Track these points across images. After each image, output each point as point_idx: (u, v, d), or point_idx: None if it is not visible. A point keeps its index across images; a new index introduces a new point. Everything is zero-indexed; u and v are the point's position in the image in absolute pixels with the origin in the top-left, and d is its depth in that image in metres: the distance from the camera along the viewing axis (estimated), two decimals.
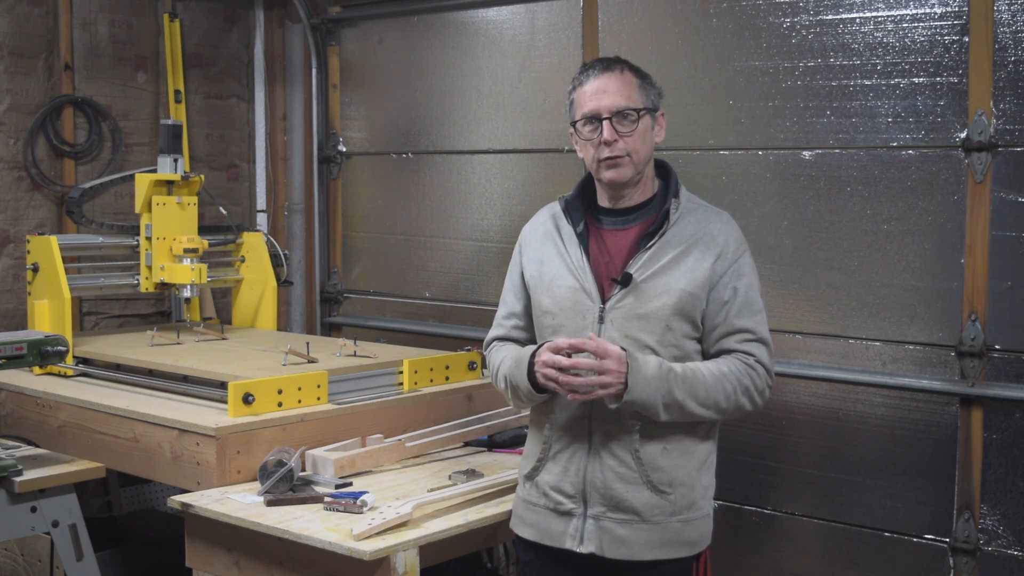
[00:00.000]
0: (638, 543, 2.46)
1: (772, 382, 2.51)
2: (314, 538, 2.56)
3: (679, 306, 2.44)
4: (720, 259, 2.47)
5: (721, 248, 2.49)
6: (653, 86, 2.57)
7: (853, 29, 3.32)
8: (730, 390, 2.42)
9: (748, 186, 3.55)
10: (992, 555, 3.17)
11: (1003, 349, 3.13)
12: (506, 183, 4.25)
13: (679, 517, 2.47)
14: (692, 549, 2.50)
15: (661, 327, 2.44)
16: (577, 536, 2.50)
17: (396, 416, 3.39)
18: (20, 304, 4.13)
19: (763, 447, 3.51)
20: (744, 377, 2.44)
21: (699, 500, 2.51)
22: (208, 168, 4.79)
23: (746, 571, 3.60)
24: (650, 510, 2.46)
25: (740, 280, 2.48)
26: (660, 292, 2.45)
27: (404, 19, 4.53)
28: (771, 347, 2.51)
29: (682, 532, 2.48)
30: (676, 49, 3.70)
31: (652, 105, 2.54)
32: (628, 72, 2.53)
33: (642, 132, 2.50)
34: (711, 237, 2.50)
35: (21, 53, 4.19)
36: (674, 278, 2.46)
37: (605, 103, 2.48)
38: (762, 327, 2.49)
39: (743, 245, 2.53)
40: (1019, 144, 3.07)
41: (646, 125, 2.52)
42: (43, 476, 3.06)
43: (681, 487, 2.47)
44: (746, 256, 2.52)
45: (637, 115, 2.49)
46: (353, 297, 4.82)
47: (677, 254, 2.47)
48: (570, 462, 2.52)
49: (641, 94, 2.52)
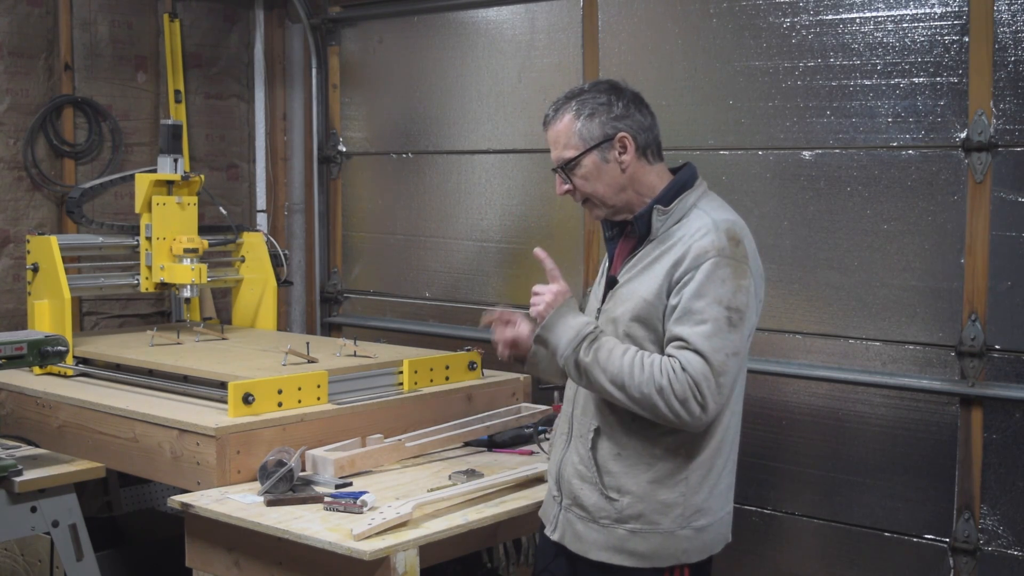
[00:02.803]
0: (589, 541, 2.49)
1: (704, 399, 2.29)
2: (314, 538, 2.56)
3: (636, 311, 2.42)
4: (677, 265, 2.37)
5: (682, 253, 2.38)
6: (604, 113, 2.45)
7: (853, 29, 3.32)
8: (640, 379, 2.30)
9: (748, 186, 3.55)
10: (992, 555, 3.17)
11: (1003, 349, 3.13)
12: (506, 183, 4.25)
13: (626, 526, 2.44)
14: (644, 562, 2.44)
15: (621, 331, 2.44)
16: (553, 523, 2.59)
17: (396, 416, 3.39)
18: (20, 304, 4.13)
19: (763, 447, 3.51)
20: (660, 375, 2.30)
21: (652, 514, 2.42)
22: (208, 168, 4.79)
23: (746, 571, 3.60)
24: (598, 511, 2.47)
25: (689, 286, 2.34)
26: (627, 297, 2.46)
27: (404, 19, 4.53)
28: (711, 360, 2.29)
29: (627, 541, 2.44)
30: (676, 49, 3.70)
31: (597, 140, 2.45)
32: (566, 114, 2.48)
33: (587, 175, 2.47)
34: (682, 242, 2.40)
35: (21, 53, 4.19)
36: (640, 284, 2.44)
37: (552, 156, 2.53)
38: (700, 339, 2.29)
39: (711, 252, 2.34)
40: (1019, 144, 3.07)
41: (591, 165, 2.46)
42: (43, 476, 3.06)
43: (629, 496, 2.43)
44: (710, 264, 2.33)
45: (570, 164, 2.47)
46: (353, 297, 4.83)
47: (651, 260, 2.44)
48: (558, 450, 2.61)
49: (580, 135, 2.45)
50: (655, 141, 2.52)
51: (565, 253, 4.04)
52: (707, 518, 2.47)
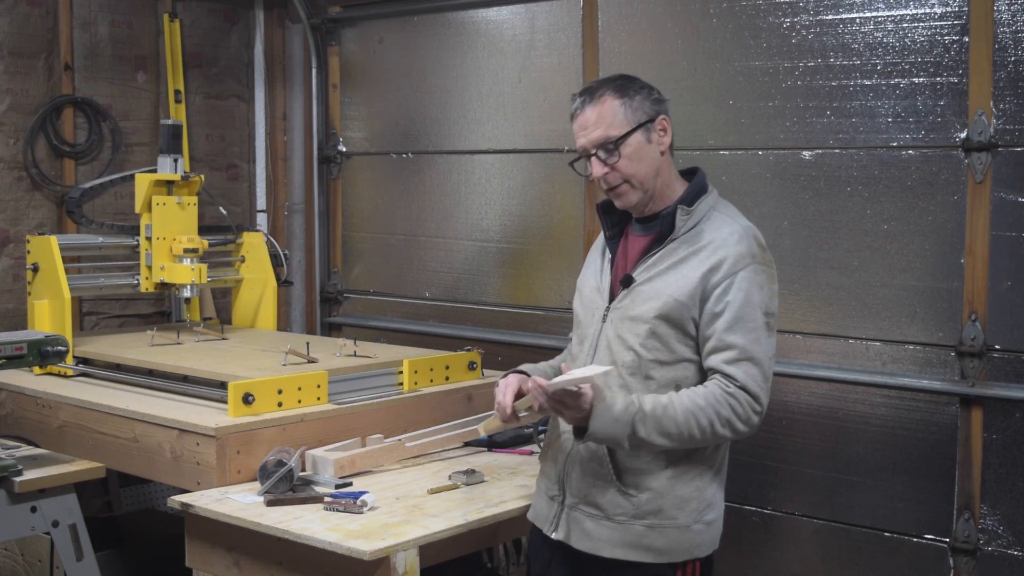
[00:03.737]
0: (600, 539, 2.48)
1: (762, 406, 2.39)
2: (314, 538, 2.56)
3: (664, 311, 2.43)
4: (714, 270, 2.41)
5: (720, 258, 2.41)
6: (645, 96, 2.50)
7: (853, 29, 3.32)
8: (705, 424, 2.36)
9: (748, 186, 3.55)
10: (992, 555, 3.17)
11: (1003, 349, 3.13)
12: (506, 183, 4.25)
13: (643, 521, 2.45)
14: (660, 557, 2.45)
15: (645, 330, 2.44)
16: (554, 522, 2.56)
17: (396, 416, 3.39)
18: (20, 304, 4.13)
19: (763, 447, 3.51)
20: (722, 408, 2.36)
21: (670, 509, 2.45)
22: (208, 168, 4.79)
23: (746, 571, 3.60)
24: (613, 508, 2.46)
25: (736, 293, 2.39)
26: (650, 296, 2.46)
27: (404, 19, 4.53)
28: (763, 367, 2.39)
29: (645, 536, 2.45)
30: (676, 49, 3.70)
31: (643, 119, 2.48)
32: (608, 96, 2.48)
33: (632, 154, 2.47)
34: (713, 247, 2.43)
35: (21, 53, 4.19)
36: (666, 283, 2.45)
37: (588, 139, 2.49)
38: (754, 346, 2.38)
39: (747, 259, 2.41)
40: (1019, 144, 3.07)
41: (635, 145, 2.48)
42: (43, 476, 3.06)
43: (647, 492, 2.45)
44: (748, 271, 2.41)
45: (616, 144, 2.47)
46: (353, 297, 4.83)
47: (677, 260, 2.46)
48: (559, 450, 2.57)
49: (625, 115, 2.47)
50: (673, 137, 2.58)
51: (565, 253, 4.04)
52: (714, 512, 2.52)
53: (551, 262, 4.12)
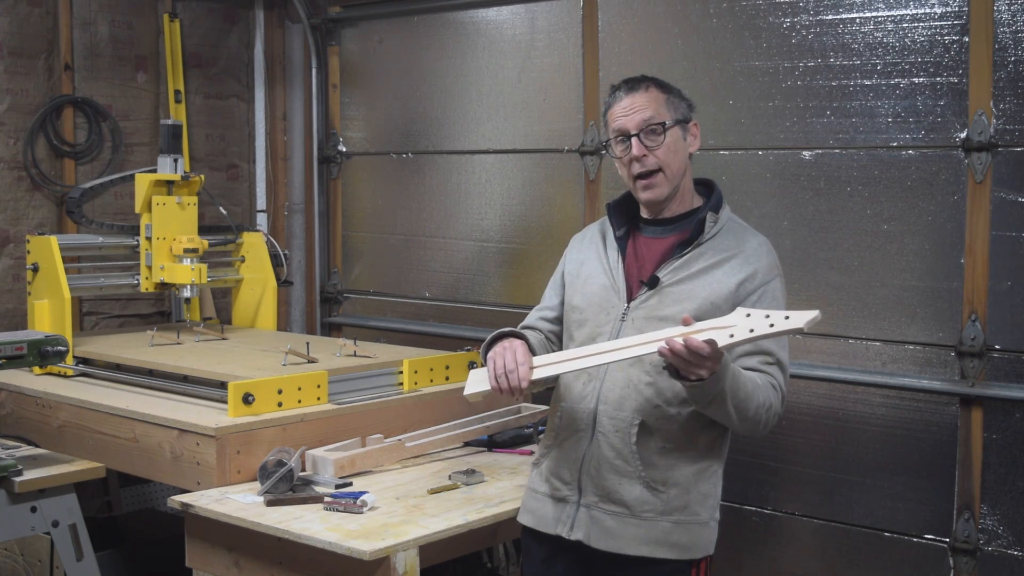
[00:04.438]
0: (625, 537, 2.47)
1: (782, 406, 2.48)
2: (314, 538, 2.56)
3: (698, 314, 2.42)
4: (750, 279, 2.48)
5: (754, 268, 2.49)
6: (682, 99, 2.60)
7: (853, 29, 3.32)
8: (761, 401, 2.41)
9: (748, 186, 3.55)
10: (992, 555, 3.17)
11: (1003, 349, 3.13)
12: (506, 183, 4.25)
13: (670, 517, 2.47)
14: (683, 553, 2.48)
15: None
16: (568, 522, 2.53)
17: (396, 416, 3.39)
18: (20, 304, 4.13)
19: (763, 447, 3.51)
20: (772, 397, 2.44)
21: (694, 505, 2.49)
22: (208, 168, 4.79)
23: (746, 571, 3.60)
24: (640, 505, 2.47)
25: (772, 303, 2.47)
26: (683, 297, 2.48)
27: (404, 19, 4.53)
28: (787, 372, 2.50)
29: (671, 533, 2.47)
30: (676, 49, 3.70)
31: (681, 117, 2.57)
32: (654, 88, 2.57)
33: (671, 144, 2.54)
34: (745, 256, 2.51)
35: (21, 53, 4.19)
36: (699, 286, 2.48)
37: (632, 120, 2.54)
38: (782, 352, 2.49)
39: (776, 270, 2.53)
40: (1019, 144, 3.07)
41: (675, 137, 2.55)
42: (43, 476, 3.06)
43: (675, 487, 2.47)
44: (777, 281, 2.52)
45: (663, 128, 2.52)
46: (353, 297, 4.82)
47: (707, 265, 2.50)
48: (572, 449, 2.55)
49: (668, 107, 2.55)
50: None
51: None
52: (719, 509, 2.58)
53: (551, 262, 4.08)
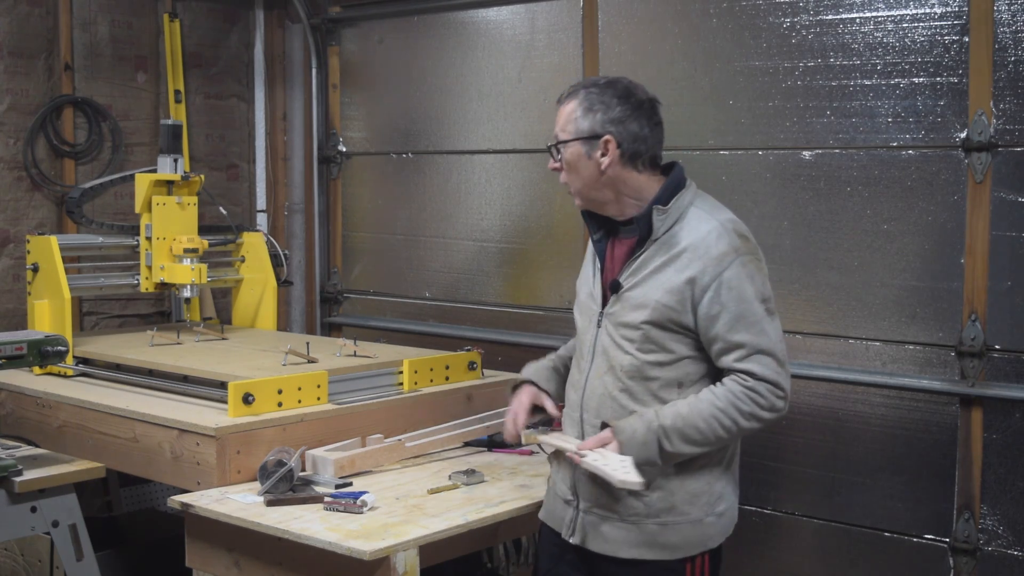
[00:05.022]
0: (616, 540, 2.50)
1: (784, 390, 2.41)
2: (314, 538, 2.56)
3: (654, 316, 2.44)
4: (701, 273, 2.41)
5: (702, 262, 2.41)
6: (604, 112, 2.47)
7: (853, 29, 3.32)
8: (728, 423, 2.38)
9: (748, 186, 3.55)
10: (992, 555, 3.17)
11: (1003, 349, 3.13)
12: (506, 183, 4.25)
13: (656, 520, 2.47)
14: (674, 553, 2.48)
15: (640, 335, 2.46)
16: (570, 527, 2.58)
17: (396, 416, 3.39)
18: (20, 304, 4.13)
19: (763, 447, 3.51)
20: (743, 403, 2.38)
21: (681, 505, 2.47)
22: (208, 168, 4.79)
23: (746, 571, 3.60)
24: (626, 510, 2.48)
25: (728, 293, 2.39)
26: (638, 303, 2.47)
27: (404, 19, 4.53)
28: (776, 354, 2.40)
29: (659, 535, 2.47)
30: (676, 49, 3.70)
31: (586, 133, 2.48)
32: (573, 100, 2.51)
33: (569, 161, 2.52)
34: (693, 249, 2.42)
35: (21, 53, 4.19)
36: (652, 289, 2.45)
37: (554, 131, 2.56)
38: (761, 337, 2.39)
39: (731, 255, 2.40)
40: (1019, 144, 3.07)
41: (575, 154, 2.50)
42: (43, 476, 3.06)
43: (659, 490, 2.47)
44: (736, 266, 2.40)
45: (558, 147, 2.52)
46: (353, 297, 4.82)
47: (660, 264, 2.46)
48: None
49: (576, 123, 2.49)
50: (649, 152, 2.51)
51: (565, 253, 4.04)
52: (726, 502, 2.54)
53: (551, 262, 4.11)
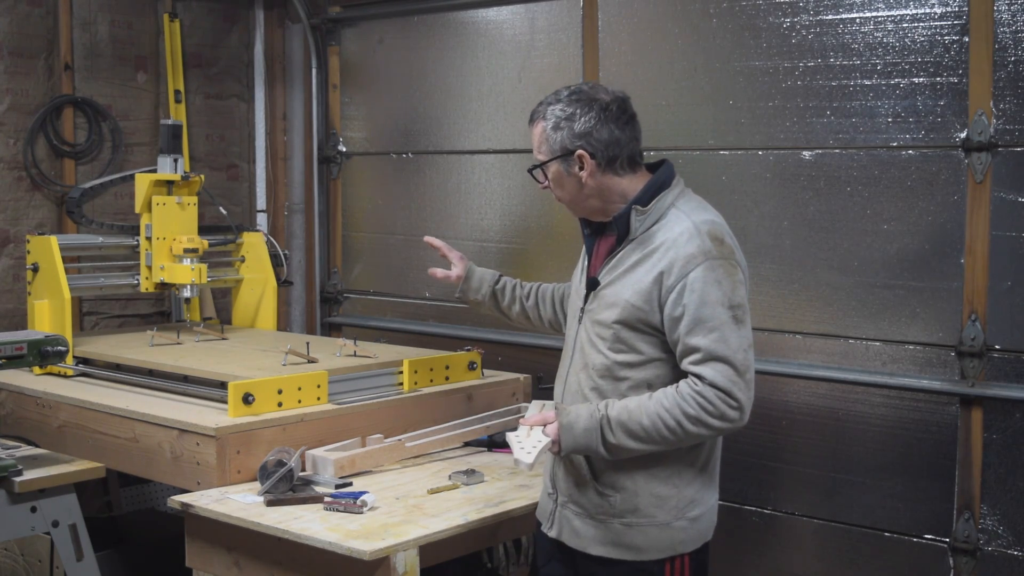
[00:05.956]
0: (587, 536, 2.52)
1: (737, 401, 2.34)
2: (314, 538, 2.56)
3: (623, 316, 2.44)
4: (666, 273, 2.39)
5: (669, 262, 2.39)
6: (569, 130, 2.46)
7: (853, 29, 3.32)
8: (672, 424, 2.35)
9: (748, 186, 3.55)
10: (992, 555, 3.17)
11: (1003, 349, 3.13)
12: (506, 183, 4.25)
13: (620, 520, 2.48)
14: (640, 555, 2.47)
15: (610, 335, 2.47)
16: (550, 519, 2.61)
17: (396, 416, 3.39)
18: (20, 304, 4.13)
19: (763, 447, 3.51)
20: (689, 406, 2.34)
21: (645, 507, 2.46)
22: (208, 168, 4.79)
23: (746, 571, 3.60)
24: (594, 508, 2.50)
25: (690, 295, 2.36)
26: (611, 302, 2.48)
27: (404, 19, 4.53)
28: (734, 362, 2.34)
29: (624, 535, 2.47)
30: (676, 49, 3.70)
31: (558, 152, 2.48)
32: (540, 121, 2.53)
33: (554, 179, 2.55)
34: (664, 249, 2.41)
35: (21, 53, 4.19)
36: (623, 288, 2.46)
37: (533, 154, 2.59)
38: (717, 344, 2.33)
39: (699, 257, 2.36)
40: (1019, 144, 3.07)
41: (557, 173, 2.52)
42: (43, 476, 3.06)
43: (623, 491, 2.47)
44: (701, 269, 2.35)
45: (541, 168, 2.55)
46: (353, 297, 4.82)
47: (633, 263, 2.46)
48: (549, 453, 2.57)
49: (549, 144, 2.51)
50: (627, 153, 2.49)
51: (565, 253, 4.03)
52: (700, 508, 2.51)
53: (551, 262, 4.11)
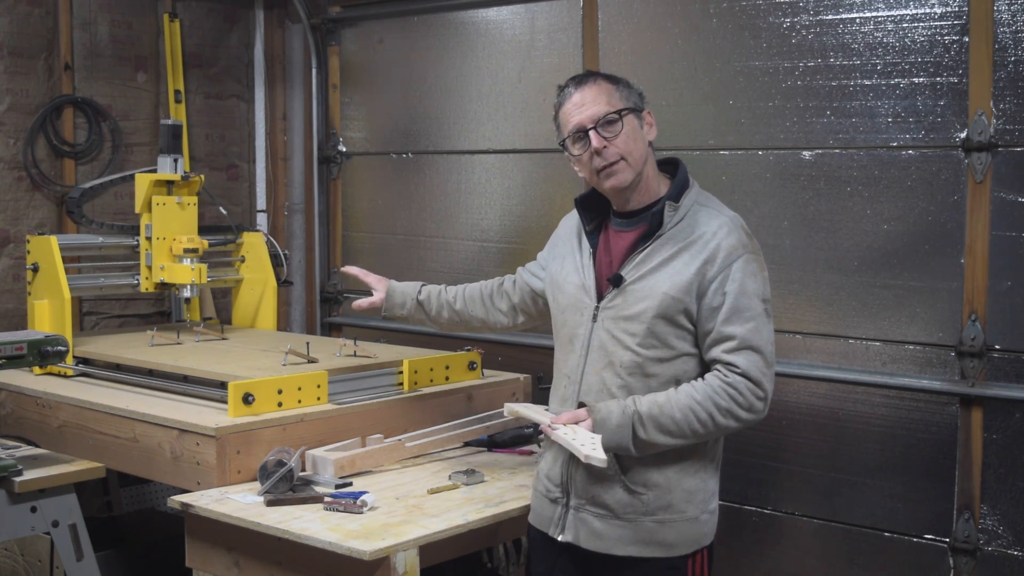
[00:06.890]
0: (611, 538, 2.50)
1: (765, 392, 2.41)
2: (314, 538, 2.56)
3: (661, 309, 2.44)
4: (709, 263, 2.43)
5: (711, 252, 2.43)
6: (632, 88, 2.57)
7: (853, 29, 3.32)
8: (704, 417, 2.39)
9: (748, 186, 3.55)
10: (992, 555, 3.17)
11: (1003, 349, 3.13)
12: (506, 183, 4.25)
13: (653, 517, 2.48)
14: (670, 551, 2.49)
15: (643, 329, 2.46)
16: (559, 524, 2.57)
17: (396, 416, 3.39)
18: (20, 304, 4.13)
19: (763, 447, 3.51)
20: (720, 398, 2.39)
21: (678, 503, 2.49)
22: (208, 168, 4.79)
23: (746, 571, 3.60)
24: (622, 508, 2.49)
25: (732, 285, 2.41)
26: (644, 295, 2.47)
27: (404, 19, 4.53)
28: (766, 354, 2.42)
29: (656, 532, 2.48)
30: (676, 49, 3.70)
31: (634, 106, 2.54)
32: (601, 80, 2.55)
33: (630, 132, 2.51)
34: (704, 240, 2.45)
35: (21, 53, 4.19)
36: (659, 281, 2.46)
37: (587, 114, 2.52)
38: (754, 334, 2.40)
39: (740, 250, 2.45)
40: (1019, 144, 3.07)
41: (632, 125, 2.52)
42: (43, 476, 3.06)
43: (656, 488, 2.48)
44: (742, 261, 2.43)
45: (619, 116, 2.50)
46: (353, 297, 4.81)
47: (667, 256, 2.47)
48: (559, 452, 2.57)
49: (620, 97, 2.53)
50: None
51: None
52: (716, 500, 2.57)
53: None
